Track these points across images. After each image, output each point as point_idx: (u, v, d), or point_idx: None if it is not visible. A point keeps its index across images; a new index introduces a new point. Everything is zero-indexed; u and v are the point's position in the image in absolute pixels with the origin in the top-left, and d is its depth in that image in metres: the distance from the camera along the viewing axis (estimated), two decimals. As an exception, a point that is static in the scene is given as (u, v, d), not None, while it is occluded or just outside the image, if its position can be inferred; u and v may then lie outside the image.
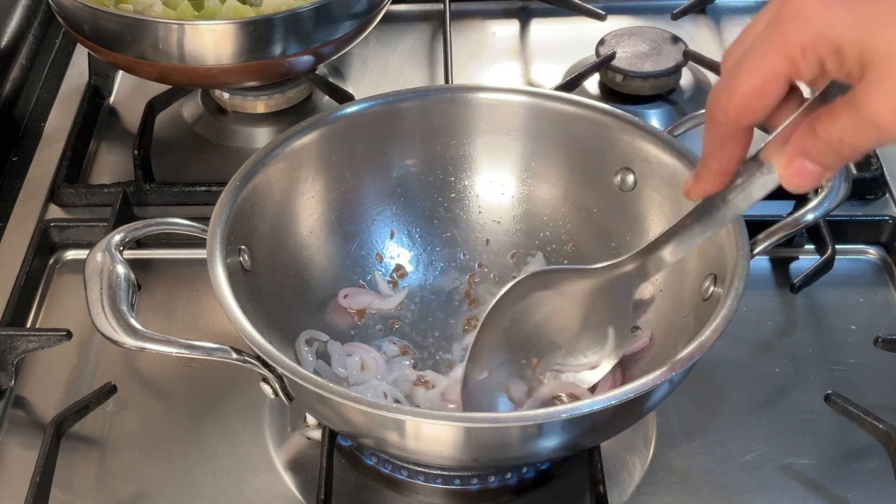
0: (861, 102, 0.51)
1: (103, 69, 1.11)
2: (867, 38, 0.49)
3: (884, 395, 0.82)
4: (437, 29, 1.21)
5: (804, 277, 0.90)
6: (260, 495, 0.77)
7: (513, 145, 0.88)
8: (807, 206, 0.77)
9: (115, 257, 0.72)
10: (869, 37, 0.49)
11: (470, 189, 0.89)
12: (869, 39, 0.49)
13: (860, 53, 0.50)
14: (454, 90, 0.89)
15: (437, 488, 0.76)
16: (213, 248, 0.73)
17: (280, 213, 0.82)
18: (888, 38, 0.49)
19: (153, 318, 0.89)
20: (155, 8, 0.97)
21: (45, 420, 0.81)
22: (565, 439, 0.68)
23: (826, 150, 0.54)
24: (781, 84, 0.53)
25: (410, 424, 0.65)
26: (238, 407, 0.82)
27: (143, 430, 0.81)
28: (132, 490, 0.77)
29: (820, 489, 0.76)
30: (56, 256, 0.95)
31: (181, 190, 0.98)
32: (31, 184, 1.02)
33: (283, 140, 0.82)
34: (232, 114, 1.10)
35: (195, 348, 0.68)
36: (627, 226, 0.85)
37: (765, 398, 0.82)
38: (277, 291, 0.80)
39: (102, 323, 0.68)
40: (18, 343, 0.82)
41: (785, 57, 0.52)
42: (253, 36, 0.93)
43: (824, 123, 0.53)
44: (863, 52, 0.50)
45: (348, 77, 1.15)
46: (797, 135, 0.55)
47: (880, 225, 0.94)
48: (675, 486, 0.77)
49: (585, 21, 1.18)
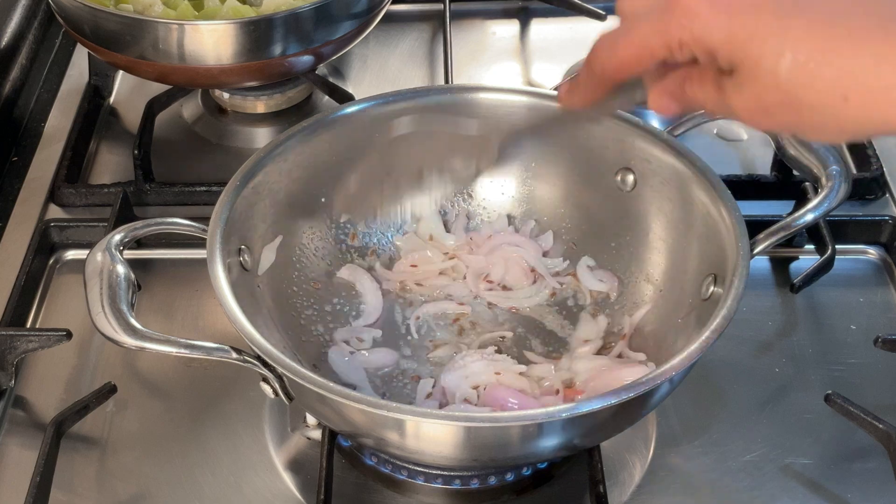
0: (726, 91, 0.58)
1: (103, 69, 1.11)
2: (739, 52, 0.55)
3: (884, 395, 0.82)
4: (437, 29, 1.21)
5: (804, 277, 0.90)
6: (260, 495, 0.77)
7: (513, 145, 0.88)
8: (807, 206, 0.77)
9: (115, 257, 0.72)
10: (740, 51, 0.55)
11: (470, 189, 0.89)
12: (740, 53, 0.55)
13: (730, 60, 0.56)
14: (454, 90, 0.89)
15: (437, 488, 0.76)
16: (213, 248, 0.73)
17: (280, 213, 0.82)
18: (756, 54, 0.54)
19: (153, 318, 0.89)
20: (155, 8, 0.97)
21: (45, 420, 0.81)
22: (565, 439, 0.68)
23: (687, 101, 0.62)
24: (654, 60, 0.60)
25: (410, 424, 0.65)
26: (238, 407, 0.82)
27: (143, 430, 0.81)
28: (132, 490, 0.77)
29: (820, 489, 0.76)
30: (56, 256, 0.95)
31: (181, 190, 0.98)
32: (31, 184, 1.02)
33: (283, 140, 0.82)
34: (232, 114, 1.10)
35: (195, 348, 0.68)
36: (627, 226, 0.85)
37: (765, 398, 0.82)
38: (277, 291, 0.80)
39: (102, 323, 0.68)
40: (18, 343, 0.82)
41: (664, 44, 0.58)
42: (253, 36, 0.93)
43: (693, 85, 0.60)
44: (732, 59, 0.56)
45: (348, 77, 1.15)
46: (671, 77, 0.62)
47: (880, 225, 0.95)
48: (675, 486, 0.77)
49: (585, 21, 1.18)
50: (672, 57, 0.58)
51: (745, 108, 0.57)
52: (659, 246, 0.83)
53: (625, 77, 0.63)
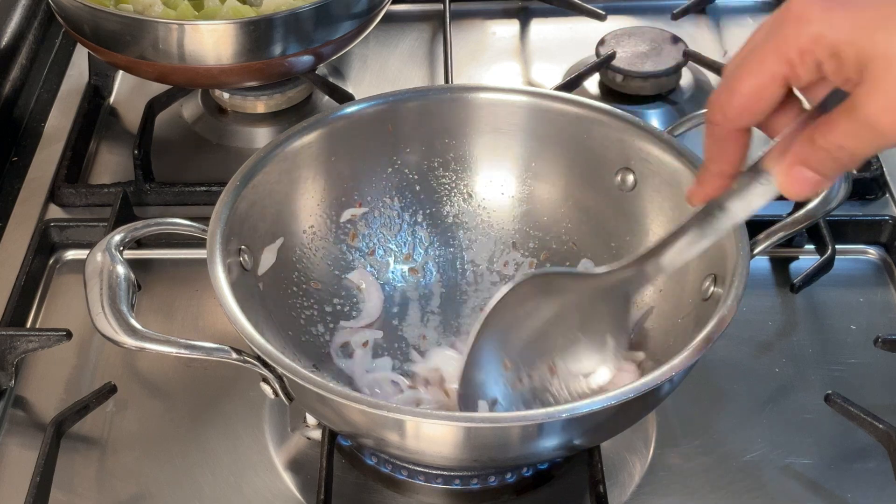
0: (859, 106, 0.52)
1: (103, 69, 1.11)
2: (865, 41, 0.50)
3: (884, 395, 0.82)
4: (437, 29, 1.21)
5: (804, 277, 0.90)
6: (260, 495, 0.77)
7: (513, 145, 0.88)
8: (807, 206, 0.77)
9: (115, 257, 0.72)
10: (866, 40, 0.50)
11: (470, 189, 0.89)
12: (866, 43, 0.50)
13: (857, 56, 0.51)
14: (454, 90, 0.89)
15: (437, 488, 0.76)
16: (213, 248, 0.73)
17: (280, 213, 0.82)
18: (885, 41, 0.50)
19: (153, 318, 0.89)
20: (155, 8, 0.97)
21: (45, 420, 0.81)
22: (565, 439, 0.68)
23: (825, 158, 0.55)
24: (779, 86, 0.54)
25: (410, 424, 0.65)
26: (238, 407, 0.82)
27: (143, 430, 0.81)
28: (132, 490, 0.77)
29: (820, 489, 0.76)
30: (56, 256, 0.95)
31: (181, 190, 0.98)
32: (31, 184, 1.02)
33: (283, 140, 0.82)
34: (232, 114, 1.10)
35: (195, 348, 0.68)
36: (627, 226, 0.85)
37: (765, 398, 0.82)
38: (277, 291, 0.80)
39: (102, 323, 0.68)
40: (18, 343, 0.82)
41: (783, 59, 0.53)
42: (253, 36, 0.93)
43: (823, 131, 0.54)
44: (860, 56, 0.51)
45: (348, 77, 1.15)
46: (796, 144, 0.56)
47: (880, 225, 0.94)
48: (675, 486, 0.77)
49: (585, 21, 1.18)
50: (796, 76, 0.53)
51: (884, 108, 0.51)
52: (659, 246, 0.83)
53: (753, 119, 0.57)
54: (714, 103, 0.57)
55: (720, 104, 0.56)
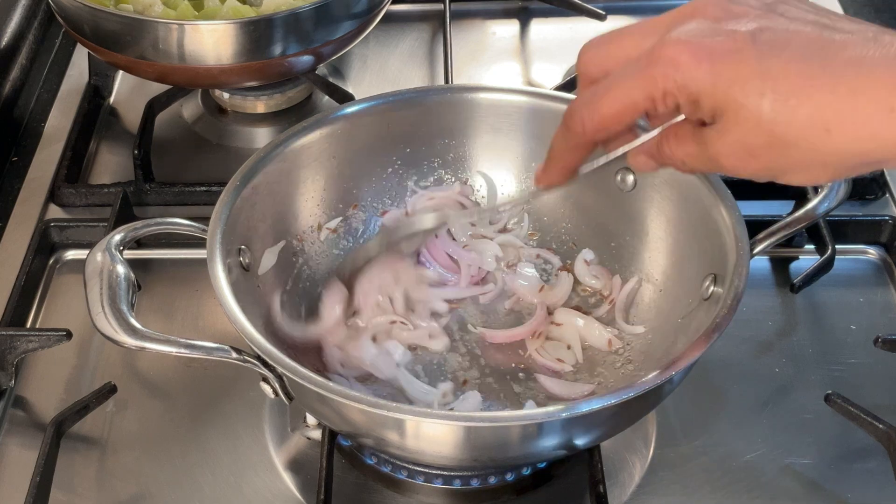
0: (708, 142, 0.58)
1: (103, 69, 1.11)
2: (722, 96, 0.56)
3: (884, 395, 0.82)
4: (437, 29, 1.21)
5: (804, 277, 0.90)
6: (260, 495, 0.77)
7: (513, 145, 0.88)
8: (807, 206, 0.77)
9: (115, 257, 0.72)
10: (723, 95, 0.55)
11: (470, 189, 0.89)
12: (722, 97, 0.56)
13: (713, 106, 0.56)
14: (454, 90, 0.89)
15: (437, 488, 0.76)
16: (213, 248, 0.73)
17: (280, 213, 0.82)
18: (740, 100, 0.55)
19: (153, 318, 0.89)
20: (155, 8, 0.97)
21: (45, 420, 0.81)
22: (565, 439, 0.68)
23: (666, 160, 0.63)
24: (637, 114, 0.60)
25: (410, 424, 0.65)
26: (238, 407, 0.82)
27: (143, 430, 0.81)
28: (132, 490, 0.77)
29: (820, 489, 0.76)
30: (56, 256, 0.95)
31: (181, 190, 0.98)
32: (31, 184, 1.02)
33: (283, 140, 0.82)
34: (232, 114, 1.10)
35: (195, 348, 0.68)
36: (627, 226, 0.85)
37: (765, 398, 0.82)
38: (277, 291, 0.80)
39: (102, 323, 0.68)
40: (18, 343, 0.82)
41: (648, 96, 0.58)
42: (253, 36, 0.93)
43: (671, 144, 0.62)
44: (716, 106, 0.56)
45: (348, 77, 1.15)
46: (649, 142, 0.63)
47: (880, 225, 0.94)
48: (675, 486, 0.77)
49: (585, 21, 1.18)
50: (654, 110, 0.58)
51: (729, 153, 0.58)
52: (659, 246, 0.83)
53: (605, 136, 0.63)
54: (576, 114, 0.62)
55: (581, 118, 0.62)
